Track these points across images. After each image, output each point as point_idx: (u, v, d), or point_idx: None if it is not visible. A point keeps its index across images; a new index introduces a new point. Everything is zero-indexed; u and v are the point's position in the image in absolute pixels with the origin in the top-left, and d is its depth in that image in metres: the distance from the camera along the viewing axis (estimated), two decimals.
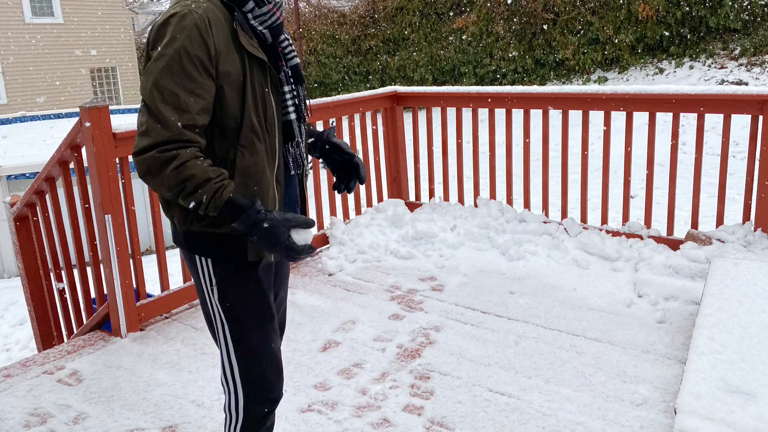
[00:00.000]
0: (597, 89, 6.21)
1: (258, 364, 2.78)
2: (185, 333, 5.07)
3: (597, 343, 4.61)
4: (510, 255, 6.10)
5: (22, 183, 15.10)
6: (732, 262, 4.73)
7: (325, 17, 28.65)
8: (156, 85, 2.39)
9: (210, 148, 2.54)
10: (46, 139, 17.33)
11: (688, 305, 5.08)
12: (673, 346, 4.52)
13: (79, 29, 28.83)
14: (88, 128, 4.66)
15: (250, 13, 2.58)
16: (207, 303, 2.77)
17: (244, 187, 2.55)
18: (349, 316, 5.23)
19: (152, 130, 2.38)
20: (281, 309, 3.11)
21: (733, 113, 5.65)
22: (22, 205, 6.04)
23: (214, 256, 2.67)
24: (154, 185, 2.44)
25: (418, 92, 7.53)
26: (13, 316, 11.13)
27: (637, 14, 20.39)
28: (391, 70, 26.14)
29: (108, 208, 4.78)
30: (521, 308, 5.23)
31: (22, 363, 4.76)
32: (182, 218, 2.63)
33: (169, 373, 4.48)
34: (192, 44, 2.39)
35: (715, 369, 3.37)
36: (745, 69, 18.38)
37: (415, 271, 6.06)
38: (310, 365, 4.51)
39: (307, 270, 6.20)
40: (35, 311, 6.34)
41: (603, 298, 5.30)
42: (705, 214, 6.61)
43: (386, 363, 4.50)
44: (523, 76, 22.79)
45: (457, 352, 4.60)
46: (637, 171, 6.89)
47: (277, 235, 2.42)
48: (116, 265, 4.89)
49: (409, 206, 7.40)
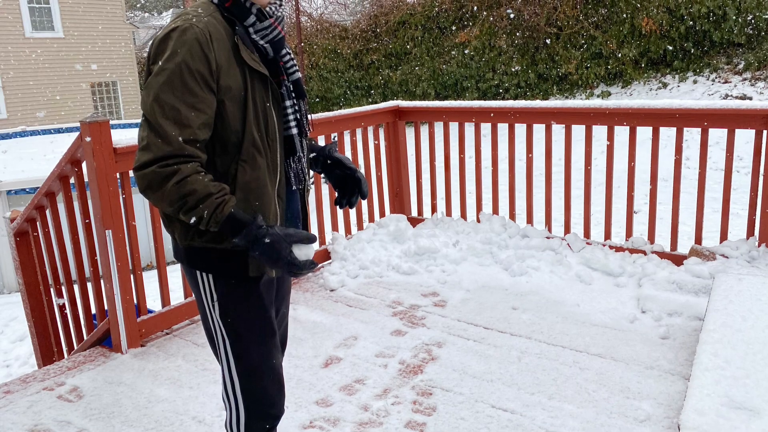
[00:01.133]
0: (600, 104, 6.19)
1: (259, 380, 2.77)
2: (186, 349, 5.04)
3: (600, 359, 4.59)
4: (513, 270, 6.08)
5: (22, 198, 15.10)
6: (736, 277, 4.71)
7: (326, 31, 28.67)
8: (157, 100, 2.38)
9: (211, 163, 2.53)
10: (46, 154, 17.36)
11: (691, 321, 5.05)
12: (676, 362, 4.49)
13: (79, 43, 28.86)
14: (89, 143, 4.65)
15: (252, 27, 2.58)
16: (208, 318, 2.76)
17: (246, 203, 2.54)
18: (350, 332, 5.20)
19: (153, 144, 2.37)
20: (283, 325, 3.11)
21: (737, 128, 5.63)
22: (23, 220, 6.02)
23: (216, 272, 2.66)
24: (155, 200, 2.42)
25: (420, 107, 7.52)
26: (13, 331, 11.10)
27: (641, 28, 20.37)
28: (393, 85, 26.13)
29: (108, 223, 4.76)
30: (524, 324, 5.21)
31: (22, 379, 4.73)
32: (183, 233, 2.61)
33: (170, 390, 4.46)
34: (193, 58, 2.38)
35: (719, 385, 3.35)
36: (749, 83, 18.36)
37: (418, 286, 6.04)
38: (312, 381, 4.48)
39: (308, 285, 6.18)
40: (35, 327, 6.32)
41: (606, 314, 5.27)
42: (709, 230, 6.59)
43: (388, 379, 4.47)
44: (526, 91, 22.77)
45: (460, 368, 4.57)
46: (640, 186, 6.88)
47: (279, 250, 2.41)
48: (117, 281, 4.87)
49: (411, 221, 7.38)
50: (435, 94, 24.83)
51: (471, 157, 7.36)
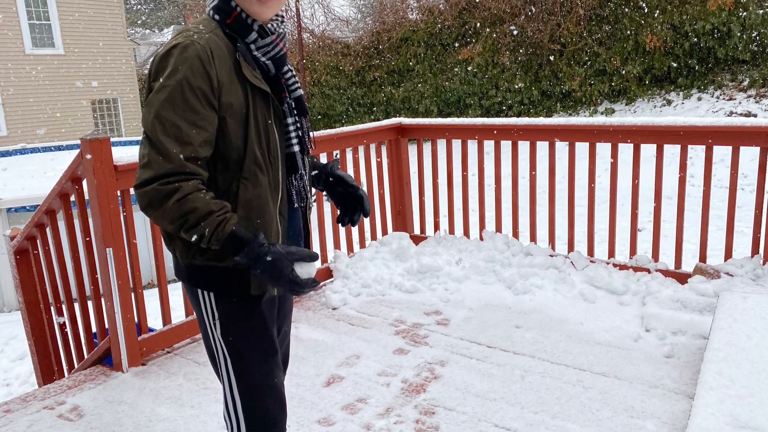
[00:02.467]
0: (604, 121, 6.17)
1: (261, 399, 2.76)
2: (187, 368, 5.02)
3: (604, 378, 4.56)
4: (516, 289, 6.05)
5: (23, 216, 15.07)
6: (741, 296, 4.69)
7: (329, 48, 28.72)
8: (158, 117, 2.37)
9: (212, 181, 2.52)
10: (46, 172, 17.34)
11: (696, 339, 5.02)
12: (681, 381, 4.46)
13: (80, 60, 28.84)
14: (89, 160, 4.63)
15: (253, 44, 2.57)
16: (209, 337, 2.75)
17: (247, 220, 2.53)
18: (353, 351, 5.17)
19: (154, 162, 2.36)
20: (284, 343, 3.09)
21: (742, 145, 5.61)
22: (23, 238, 6.01)
23: (217, 290, 2.64)
24: (156, 218, 2.41)
25: (423, 124, 7.51)
26: (13, 350, 11.06)
27: (645, 45, 20.39)
28: (396, 102, 26.17)
29: (109, 241, 4.75)
30: (527, 342, 5.18)
31: (22, 398, 4.71)
32: (184, 251, 2.60)
33: (171, 409, 4.43)
34: (194, 75, 2.37)
35: (724, 404, 3.32)
36: (754, 100, 18.35)
37: (420, 305, 6.01)
38: (314, 400, 4.45)
39: (310, 304, 6.16)
40: (36, 345, 6.30)
41: (610, 333, 5.24)
42: (713, 248, 6.56)
43: (391, 398, 4.44)
44: (530, 108, 22.78)
45: (463, 387, 4.54)
46: (644, 204, 6.85)
47: (281, 268, 2.39)
48: (117, 299, 4.84)
49: (413, 239, 7.36)
50: (438, 111, 24.85)
51: (474, 174, 7.35)
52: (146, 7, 61.96)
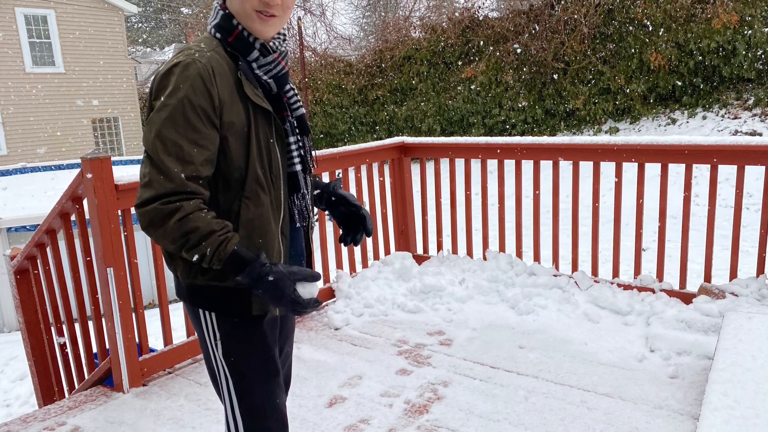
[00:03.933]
0: (608, 140, 6.15)
1: (263, 420, 2.74)
2: (189, 388, 4.99)
3: (608, 399, 4.52)
4: (519, 309, 6.03)
5: (23, 235, 15.08)
6: (746, 316, 4.66)
7: (331, 66, 28.80)
8: (159, 136, 2.36)
9: (214, 200, 2.51)
10: (47, 191, 17.38)
11: (701, 360, 4.99)
12: (685, 401, 4.43)
13: (80, 79, 28.89)
14: (90, 179, 4.62)
15: (255, 63, 2.56)
16: (211, 357, 2.73)
17: (249, 240, 2.52)
18: (355, 371, 5.14)
19: (155, 181, 2.34)
20: (287, 364, 3.07)
21: (747, 164, 5.60)
22: (23, 257, 6.00)
23: (218, 310, 2.63)
24: (157, 238, 2.39)
25: (425, 143, 7.50)
26: (13, 371, 11.04)
27: (649, 64, 20.42)
28: (399, 121, 26.21)
29: (110, 261, 4.73)
30: (531, 363, 5.15)
31: (22, 419, 4.68)
32: (186, 271, 2.58)
33: (172, 429, 4.41)
34: (195, 94, 2.36)
35: (729, 425, 3.30)
36: (759, 119, 18.35)
37: (423, 325, 5.98)
38: (316, 421, 4.42)
39: (312, 324, 6.13)
40: (36, 366, 6.28)
41: (614, 353, 5.21)
42: (718, 267, 6.55)
43: (393, 419, 4.41)
44: (533, 127, 22.81)
45: (466, 407, 4.51)
46: (649, 223, 6.84)
47: (283, 288, 2.38)
48: (118, 319, 4.82)
49: (416, 259, 7.34)
50: (441, 130, 24.90)
51: (477, 193, 7.35)
52: (147, 26, 62.17)
